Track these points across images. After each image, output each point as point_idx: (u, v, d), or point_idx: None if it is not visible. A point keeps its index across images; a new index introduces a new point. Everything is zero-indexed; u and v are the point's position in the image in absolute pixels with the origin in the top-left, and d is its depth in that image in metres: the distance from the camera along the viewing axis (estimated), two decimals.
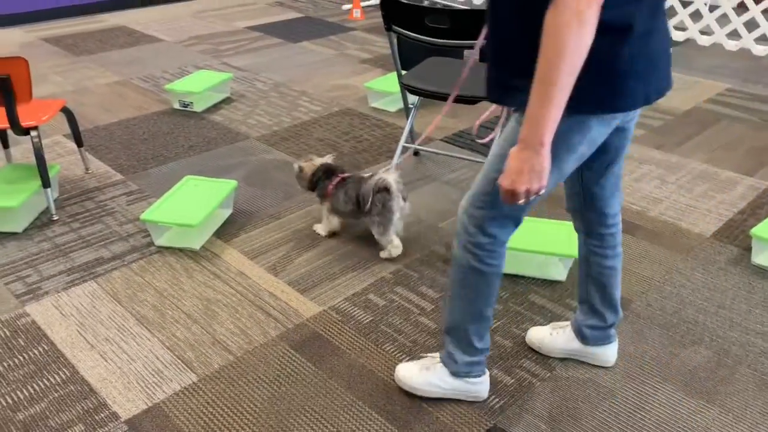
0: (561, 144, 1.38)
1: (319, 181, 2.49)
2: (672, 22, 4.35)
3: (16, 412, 1.76)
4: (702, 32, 5.45)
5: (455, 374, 1.76)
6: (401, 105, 3.80)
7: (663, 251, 2.49)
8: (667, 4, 4.36)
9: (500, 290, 2.26)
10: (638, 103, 1.39)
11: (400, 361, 1.94)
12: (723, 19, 5.47)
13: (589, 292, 1.82)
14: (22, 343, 2.00)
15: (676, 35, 4.37)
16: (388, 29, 2.71)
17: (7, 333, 2.04)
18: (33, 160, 3.09)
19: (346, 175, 2.47)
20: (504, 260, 1.63)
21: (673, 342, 2.03)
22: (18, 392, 1.82)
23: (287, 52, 4.82)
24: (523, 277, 2.34)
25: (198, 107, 3.72)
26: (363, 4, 6.22)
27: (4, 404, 1.78)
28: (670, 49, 1.48)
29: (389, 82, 3.83)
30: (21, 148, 3.23)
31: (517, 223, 1.56)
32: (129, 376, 1.88)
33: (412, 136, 3.18)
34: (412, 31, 2.63)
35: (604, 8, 1.19)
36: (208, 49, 4.84)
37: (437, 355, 1.82)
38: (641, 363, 1.94)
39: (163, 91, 3.97)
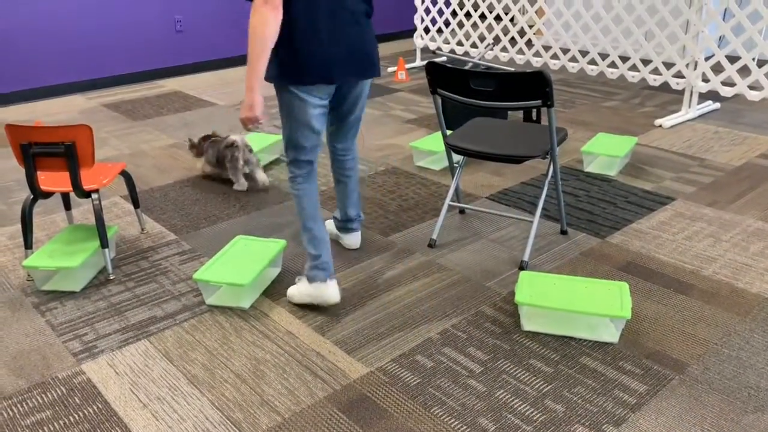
0: (286, 109, 2.33)
1: (200, 145, 3.72)
2: (720, 78, 4.34)
3: None
4: (751, 87, 5.39)
5: (308, 279, 2.44)
6: (446, 164, 3.84)
7: (719, 312, 2.41)
8: (713, 60, 4.35)
9: (551, 352, 2.22)
10: (319, 80, 2.24)
11: (450, 426, 1.91)
12: None
13: (337, 194, 2.81)
14: (78, 401, 2.04)
15: (725, 91, 4.35)
16: (434, 92, 2.77)
17: (64, 391, 2.09)
18: (92, 220, 3.23)
19: (215, 138, 3.64)
20: (310, 186, 2.45)
21: (734, 408, 1.94)
22: None
23: None
24: (573, 338, 2.29)
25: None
26: (408, 66, 6.39)
27: None
28: (362, 42, 2.31)
29: (434, 142, 3.90)
30: (81, 209, 3.37)
31: (309, 163, 2.44)
32: None
33: (458, 195, 3.21)
34: (457, 94, 2.68)
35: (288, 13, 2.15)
36: None
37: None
38: (700, 431, 1.87)
39: None
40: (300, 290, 2.48)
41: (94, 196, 2.66)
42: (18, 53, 5.31)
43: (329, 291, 2.42)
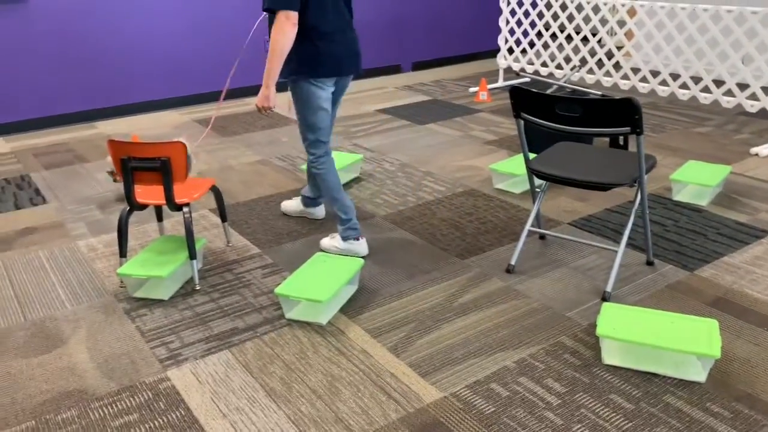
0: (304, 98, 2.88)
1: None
2: (745, 93, 4.10)
3: None
4: None
5: (343, 239, 3.05)
6: (526, 187, 3.79)
7: None
8: (740, 78, 4.10)
9: (632, 388, 2.14)
10: (332, 74, 2.83)
11: None
12: None
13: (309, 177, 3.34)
14: (162, 407, 2.13)
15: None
16: (517, 116, 2.75)
17: (150, 396, 2.19)
18: (182, 232, 3.38)
19: None
20: (331, 163, 3.03)
21: None
22: None
23: (414, 134, 5.00)
24: (657, 375, 2.20)
25: None
26: (490, 86, 6.37)
27: None
28: (357, 45, 2.93)
29: (514, 164, 3.86)
30: (172, 221, 3.54)
31: (325, 143, 2.99)
32: None
33: (539, 220, 3.16)
34: (541, 119, 2.65)
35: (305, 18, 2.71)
36: (340, 131, 5.12)
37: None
38: None
39: (299, 171, 4.22)
40: (335, 245, 3.08)
41: (185, 209, 2.79)
42: (117, 70, 5.65)
43: (362, 246, 3.07)
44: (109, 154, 3.06)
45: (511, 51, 8.08)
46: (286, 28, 2.64)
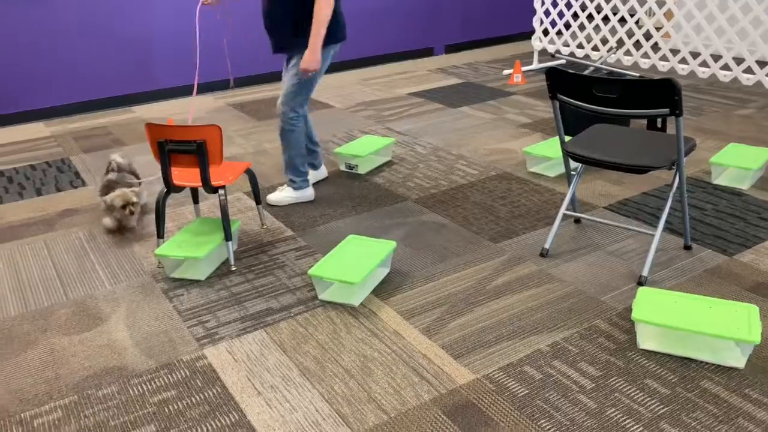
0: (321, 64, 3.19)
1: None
2: None
3: None
4: None
5: (295, 189, 3.49)
6: (561, 170, 3.75)
7: None
8: None
9: (668, 373, 2.12)
10: (343, 38, 3.24)
11: None
12: None
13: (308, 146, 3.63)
14: (199, 384, 2.18)
15: None
16: (553, 98, 2.72)
17: (187, 373, 2.24)
18: (217, 214, 3.43)
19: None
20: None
21: None
22: (194, 430, 1.98)
23: (447, 117, 4.96)
24: (694, 360, 2.17)
25: (362, 170, 3.93)
26: (524, 69, 6.28)
27: None
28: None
29: (549, 147, 3.81)
30: (207, 203, 3.59)
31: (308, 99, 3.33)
32: (290, 424, 1.98)
33: (574, 204, 3.12)
34: (578, 100, 2.61)
35: None
36: (373, 115, 5.12)
37: (284, 185, 3.54)
38: None
39: (332, 154, 4.24)
40: (286, 196, 3.48)
41: (221, 191, 2.83)
42: (154, 55, 5.73)
43: (310, 191, 3.53)
44: (147, 137, 3.11)
45: (546, 33, 7.95)
46: (332, 1, 3.01)
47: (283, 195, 3.49)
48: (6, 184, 4.02)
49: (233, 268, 2.88)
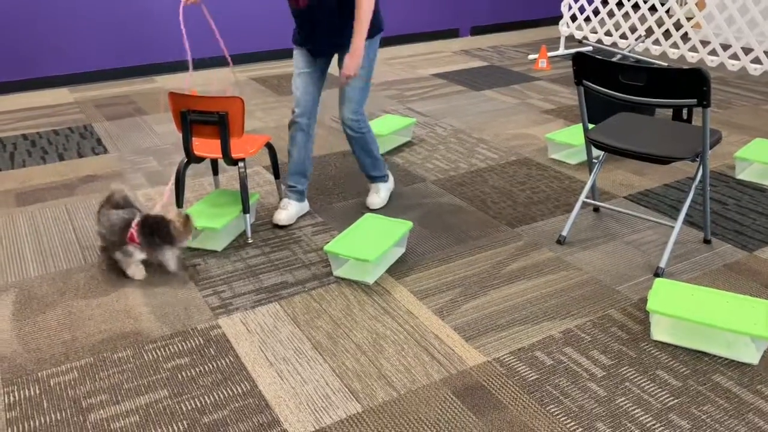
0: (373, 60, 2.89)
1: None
2: None
3: (203, 415, 1.94)
4: None
5: (387, 180, 3.24)
6: (582, 158, 3.71)
7: None
8: None
9: (680, 365, 2.11)
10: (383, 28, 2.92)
11: (565, 425, 1.87)
12: None
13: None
14: (213, 353, 2.21)
15: None
16: (578, 83, 2.68)
17: (201, 341, 2.27)
18: (236, 186, 3.44)
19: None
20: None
21: None
22: (205, 397, 2.01)
23: (469, 100, 4.93)
24: (707, 354, 2.16)
25: (382, 149, 3.92)
26: (550, 54, 6.20)
27: (193, 407, 1.98)
28: None
29: (571, 134, 3.77)
30: (227, 176, 3.61)
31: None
32: (301, 397, 2.00)
33: (594, 192, 3.09)
34: (604, 87, 2.58)
35: None
36: (394, 95, 5.09)
37: (372, 186, 3.24)
38: None
39: None
40: (385, 194, 3.22)
41: (241, 164, 2.84)
42: (177, 26, 5.73)
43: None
44: (169, 106, 3.12)
45: (573, 18, 7.83)
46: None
47: (384, 195, 3.20)
48: (29, 148, 4.06)
49: (250, 241, 2.90)
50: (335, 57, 3.00)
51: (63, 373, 2.12)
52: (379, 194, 3.19)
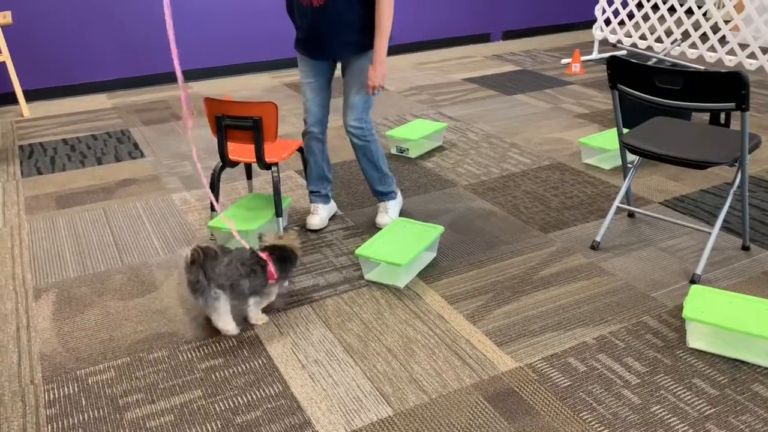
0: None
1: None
2: None
3: (236, 415, 1.97)
4: None
5: (395, 198, 3.12)
6: (617, 163, 3.67)
7: None
8: None
9: (718, 374, 2.06)
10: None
11: None
12: None
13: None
14: (246, 354, 2.24)
15: None
16: (613, 87, 2.65)
17: (234, 343, 2.30)
18: (270, 190, 3.48)
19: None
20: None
21: None
22: (239, 398, 2.04)
23: (501, 104, 4.90)
24: (745, 363, 2.11)
25: (413, 153, 3.93)
26: (583, 58, 6.14)
27: (227, 407, 2.00)
28: None
29: (605, 139, 3.73)
30: (260, 180, 3.65)
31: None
32: (332, 399, 2.02)
33: (628, 197, 3.05)
34: (639, 91, 2.55)
35: None
36: (425, 99, 5.09)
37: (381, 205, 3.12)
38: None
39: (384, 137, 4.24)
40: (394, 213, 3.09)
41: (274, 168, 2.87)
42: (213, 33, 5.82)
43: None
44: (205, 111, 3.17)
45: (608, 22, 7.74)
46: (393, 4, 2.66)
47: (393, 214, 3.07)
48: (69, 152, 4.17)
49: None
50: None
51: (101, 372, 2.16)
52: (389, 213, 3.06)
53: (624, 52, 6.28)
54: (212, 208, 2.99)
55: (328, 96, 2.95)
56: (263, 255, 2.35)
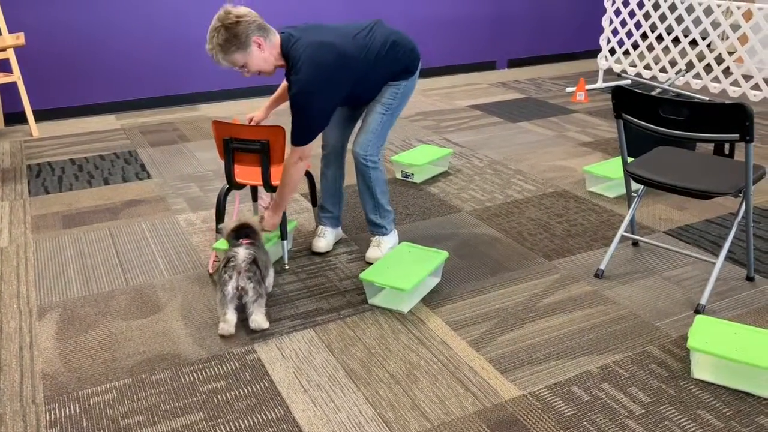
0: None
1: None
2: None
3: None
4: None
5: (389, 233, 3.01)
6: (621, 191, 3.68)
7: None
8: None
9: (723, 405, 2.05)
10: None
11: None
12: None
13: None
14: (248, 377, 2.23)
15: None
16: (618, 117, 2.68)
17: (237, 366, 2.29)
18: None
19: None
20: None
21: None
22: (240, 421, 2.03)
23: (506, 132, 4.94)
24: (751, 395, 2.09)
25: (418, 178, 3.95)
26: (588, 87, 6.19)
27: (228, 430, 1.99)
28: None
29: (610, 167, 3.75)
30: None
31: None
32: (334, 424, 2.00)
33: (633, 226, 3.06)
34: (644, 121, 2.57)
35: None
36: (431, 125, 5.13)
37: (373, 239, 3.02)
38: None
39: (389, 162, 4.27)
40: (388, 248, 2.98)
41: None
42: None
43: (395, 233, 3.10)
44: (213, 134, 3.20)
45: (612, 52, 7.82)
46: (303, 167, 2.69)
47: (385, 249, 2.96)
48: (77, 172, 4.20)
49: (287, 267, 2.94)
50: None
51: (102, 393, 2.16)
52: (380, 248, 2.96)
53: (629, 81, 6.33)
54: (217, 230, 3.00)
55: (350, 126, 3.00)
56: (243, 241, 2.52)
